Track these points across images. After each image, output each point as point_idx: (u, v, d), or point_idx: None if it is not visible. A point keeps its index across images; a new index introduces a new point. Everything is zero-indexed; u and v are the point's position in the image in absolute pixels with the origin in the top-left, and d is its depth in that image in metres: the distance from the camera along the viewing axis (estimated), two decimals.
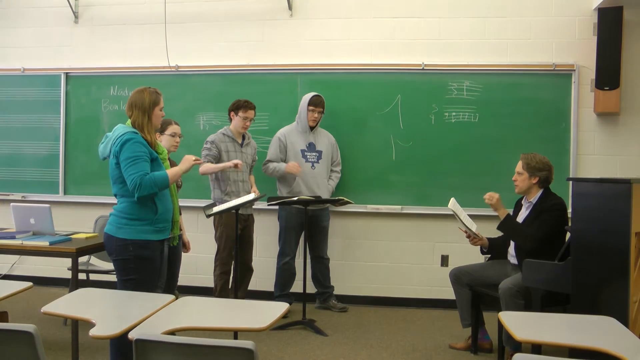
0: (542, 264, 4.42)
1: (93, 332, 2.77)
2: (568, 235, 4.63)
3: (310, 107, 6.16)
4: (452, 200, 4.93)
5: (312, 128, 6.26)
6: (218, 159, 5.95)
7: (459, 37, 6.50)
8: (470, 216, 5.24)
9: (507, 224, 4.89)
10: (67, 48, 7.20)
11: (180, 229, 4.86)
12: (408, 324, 6.03)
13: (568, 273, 4.24)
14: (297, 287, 6.29)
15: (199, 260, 6.72)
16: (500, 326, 4.76)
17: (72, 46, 7.20)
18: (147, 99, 4.05)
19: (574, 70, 6.27)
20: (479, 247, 5.24)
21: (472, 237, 5.11)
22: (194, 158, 4.23)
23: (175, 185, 4.38)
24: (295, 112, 6.32)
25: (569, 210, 4.62)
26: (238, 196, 5.78)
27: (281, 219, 6.34)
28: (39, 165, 7.19)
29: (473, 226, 5.09)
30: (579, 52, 6.30)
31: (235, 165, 5.75)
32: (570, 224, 4.45)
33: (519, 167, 4.96)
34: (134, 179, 3.85)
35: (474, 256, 5.52)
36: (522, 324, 3.13)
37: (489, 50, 6.44)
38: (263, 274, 6.57)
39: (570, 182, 5.32)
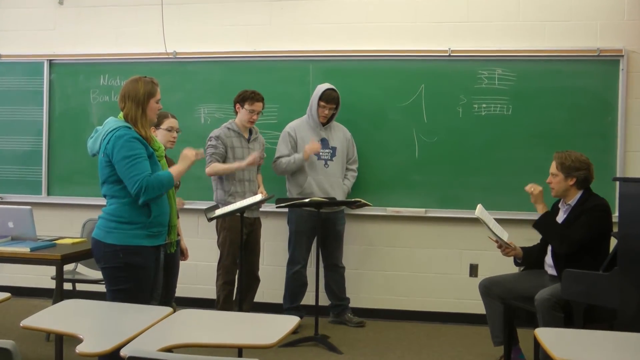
0: (584, 275, 4.38)
1: (80, 348, 2.77)
2: (614, 242, 4.60)
3: (322, 103, 6.15)
4: (479, 207, 4.89)
5: (324, 124, 6.27)
6: (225, 157, 5.96)
7: (490, 19, 6.47)
8: (503, 221, 5.22)
9: (544, 222, 4.88)
10: (50, 32, 7.22)
11: (178, 234, 4.87)
12: (432, 340, 6.02)
13: (614, 285, 4.19)
14: (308, 299, 6.30)
15: (199, 269, 6.72)
16: (537, 344, 4.73)
17: (56, 30, 7.21)
18: (142, 90, 4.05)
19: (622, 55, 6.22)
20: (512, 257, 5.21)
21: (504, 247, 5.08)
22: (194, 153, 4.23)
23: None
24: (306, 104, 6.31)
25: (615, 214, 4.60)
26: (243, 197, 5.78)
27: (291, 223, 6.34)
28: (19, 163, 7.21)
29: (504, 235, 5.05)
30: (628, 35, 6.25)
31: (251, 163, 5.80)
32: (616, 229, 4.42)
33: (553, 167, 4.95)
34: (138, 181, 3.86)
35: (507, 265, 5.48)
36: (561, 342, 3.10)
37: (523, 33, 6.40)
38: (271, 284, 6.56)
39: (617, 183, 5.29)
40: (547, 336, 3.15)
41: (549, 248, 4.99)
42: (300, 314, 6.10)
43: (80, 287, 6.22)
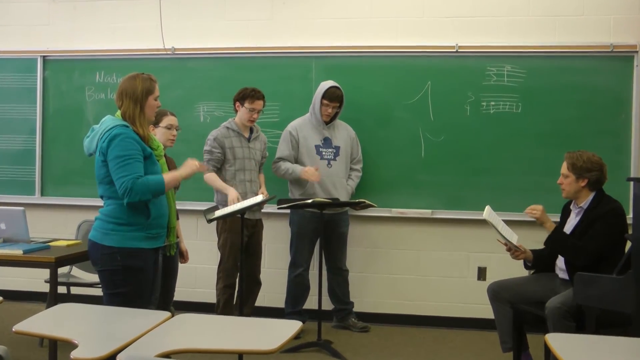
0: (597, 278, 4.36)
1: (75, 354, 2.76)
2: (628, 244, 4.58)
3: (325, 101, 6.14)
4: (487, 209, 4.87)
5: (327, 122, 6.26)
6: (223, 161, 5.96)
7: (499, 13, 6.46)
8: (513, 223, 5.20)
9: (556, 239, 4.84)
10: (44, 27, 7.22)
11: (177, 236, 4.86)
12: (439, 346, 6.01)
13: (629, 288, 4.18)
14: (311, 303, 6.30)
15: (198, 272, 6.72)
16: (547, 351, 4.73)
17: (50, 25, 7.21)
18: (140, 87, 4.05)
19: (637, 51, 6.21)
20: (522, 260, 5.20)
21: (514, 250, 5.06)
22: (198, 164, 4.23)
23: None
24: (309, 102, 6.31)
25: (629, 215, 4.57)
26: (244, 198, 5.77)
27: (293, 225, 6.34)
28: (11, 162, 7.21)
29: (513, 237, 5.03)
30: None
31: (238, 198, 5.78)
32: (630, 232, 4.40)
33: (564, 168, 4.91)
34: (124, 182, 3.86)
35: (516, 268, 5.46)
36: (573, 349, 3.09)
37: (534, 28, 6.39)
38: (272, 288, 6.57)
39: (631, 183, 5.28)
40: (558, 342, 3.13)
41: None
42: (302, 319, 6.06)
43: (75, 290, 6.23)
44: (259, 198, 5.42)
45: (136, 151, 3.93)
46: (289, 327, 3.14)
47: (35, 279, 6.50)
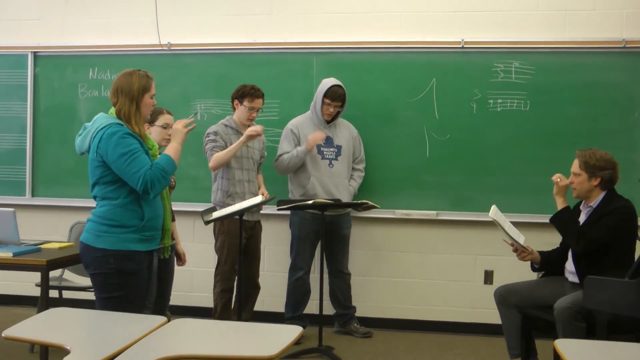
0: (609, 282, 4.35)
1: None
2: (639, 247, 4.58)
3: (327, 101, 6.13)
4: (494, 208, 4.87)
5: (329, 121, 6.26)
6: None
7: (507, 7, 6.46)
8: (520, 224, 5.20)
9: (563, 218, 4.85)
10: (35, 22, 7.22)
11: (174, 239, 4.86)
12: (444, 352, 6.01)
13: None
14: (312, 308, 6.31)
15: (195, 275, 6.72)
16: (557, 357, 4.71)
17: (41, 19, 7.21)
18: (136, 84, 4.04)
19: None
20: (529, 262, 5.19)
21: (520, 251, 5.05)
22: (184, 123, 4.21)
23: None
24: (310, 99, 6.30)
25: None
26: (243, 199, 5.77)
27: (294, 226, 6.33)
28: (1, 162, 7.22)
29: (520, 238, 5.03)
30: None
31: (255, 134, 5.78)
32: None
33: (575, 166, 4.90)
34: (141, 176, 3.86)
35: (524, 272, 5.47)
36: (583, 355, 3.10)
37: (543, 23, 6.39)
38: (272, 292, 6.58)
39: None
40: (568, 348, 3.14)
41: (570, 253, 4.97)
42: (303, 324, 6.07)
43: (67, 294, 6.22)
44: (258, 199, 5.41)
45: (137, 145, 3.94)
46: (289, 333, 3.14)
47: (26, 283, 6.51)
